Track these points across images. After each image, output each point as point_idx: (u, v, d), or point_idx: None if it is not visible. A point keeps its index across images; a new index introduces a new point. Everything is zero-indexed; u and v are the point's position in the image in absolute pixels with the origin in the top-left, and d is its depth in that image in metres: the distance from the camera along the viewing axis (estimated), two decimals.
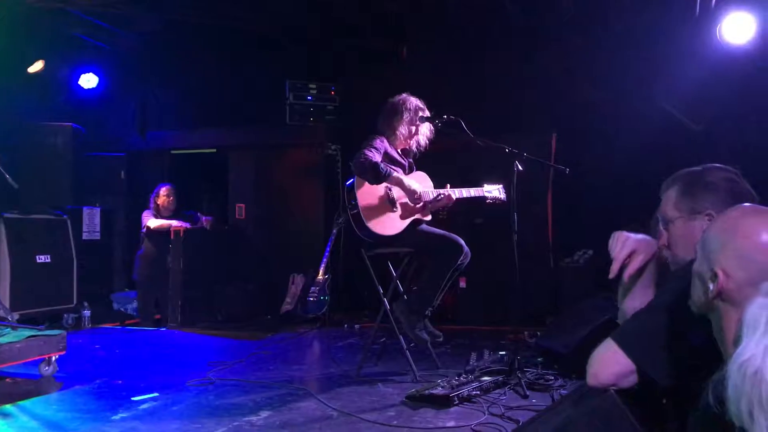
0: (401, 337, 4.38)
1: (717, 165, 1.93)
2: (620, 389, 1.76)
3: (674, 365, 1.70)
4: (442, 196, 4.42)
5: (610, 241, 2.03)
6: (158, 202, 7.04)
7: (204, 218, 7.11)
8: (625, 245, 1.99)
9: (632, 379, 1.77)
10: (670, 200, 1.96)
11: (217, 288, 7.08)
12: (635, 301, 2.00)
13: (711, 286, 1.49)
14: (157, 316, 7.00)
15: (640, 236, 2.02)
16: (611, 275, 1.98)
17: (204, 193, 8.68)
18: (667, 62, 6.25)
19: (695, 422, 1.53)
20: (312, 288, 6.84)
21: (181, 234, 6.77)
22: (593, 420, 1.72)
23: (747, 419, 0.87)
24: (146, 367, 4.84)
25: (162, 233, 6.85)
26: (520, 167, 4.20)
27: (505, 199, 4.58)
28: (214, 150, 8.14)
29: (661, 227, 1.98)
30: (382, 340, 4.99)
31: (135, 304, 7.15)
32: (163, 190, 7.07)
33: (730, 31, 5.73)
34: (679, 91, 6.18)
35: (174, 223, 6.89)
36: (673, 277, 1.89)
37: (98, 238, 7.24)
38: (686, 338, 1.67)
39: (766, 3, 5.57)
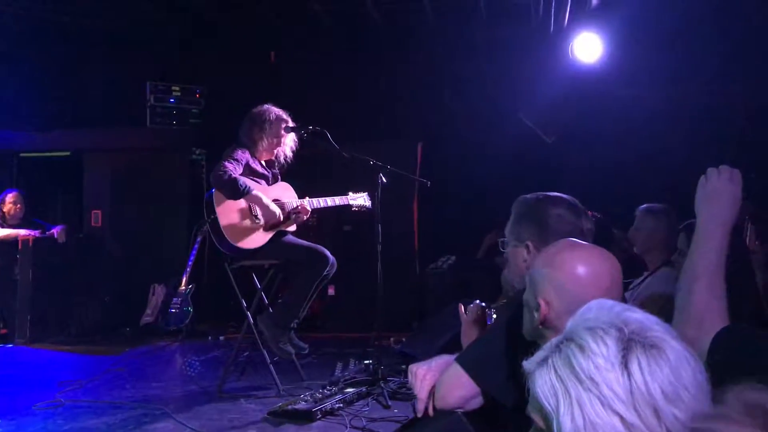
0: (265, 350, 4.32)
1: (555, 196, 2.02)
2: (467, 411, 1.81)
3: (516, 387, 1.76)
4: (299, 207, 4.39)
5: (410, 378, 1.99)
6: (4, 210, 6.56)
7: (54, 228, 6.64)
8: (424, 384, 1.93)
9: (478, 401, 1.83)
10: (508, 223, 2.07)
11: (70, 300, 6.66)
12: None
13: (536, 315, 1.63)
14: (3, 331, 6.50)
15: (434, 364, 1.96)
16: (419, 415, 1.90)
17: (57, 198, 8.12)
18: (525, 75, 6.54)
19: None
20: (174, 299, 6.60)
21: (30, 243, 6.33)
22: None
23: None
24: None
25: (8, 243, 6.39)
26: (384, 179, 4.27)
27: (371, 207, 4.62)
28: (68, 153, 7.62)
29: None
30: (245, 353, 4.89)
31: None
32: (10, 197, 6.59)
33: (581, 51, 6.06)
34: (535, 104, 6.48)
35: (22, 232, 6.43)
36: (508, 305, 1.98)
37: None
38: (523, 361, 1.74)
39: (611, 25, 5.94)
